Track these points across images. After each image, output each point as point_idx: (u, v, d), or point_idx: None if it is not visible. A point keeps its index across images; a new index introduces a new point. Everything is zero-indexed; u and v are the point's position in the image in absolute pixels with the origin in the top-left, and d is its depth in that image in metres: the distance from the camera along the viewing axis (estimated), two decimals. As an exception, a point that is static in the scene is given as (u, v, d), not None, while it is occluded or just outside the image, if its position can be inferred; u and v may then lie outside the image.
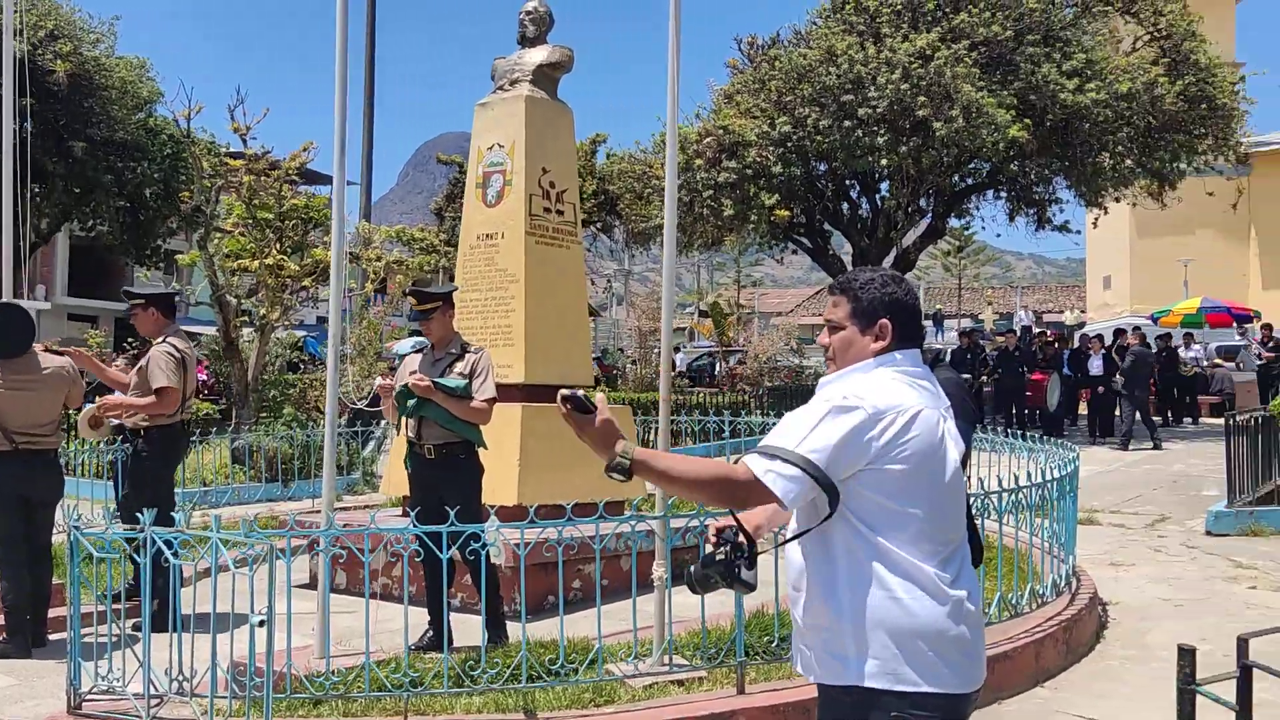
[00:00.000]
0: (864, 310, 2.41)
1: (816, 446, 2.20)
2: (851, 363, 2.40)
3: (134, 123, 22.42)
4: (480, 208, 8.25)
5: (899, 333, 2.39)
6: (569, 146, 8.64)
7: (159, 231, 25.22)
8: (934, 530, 2.29)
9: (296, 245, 14.71)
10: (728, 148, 17.70)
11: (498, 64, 8.34)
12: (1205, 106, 18.43)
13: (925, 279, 51.03)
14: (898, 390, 2.31)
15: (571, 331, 8.26)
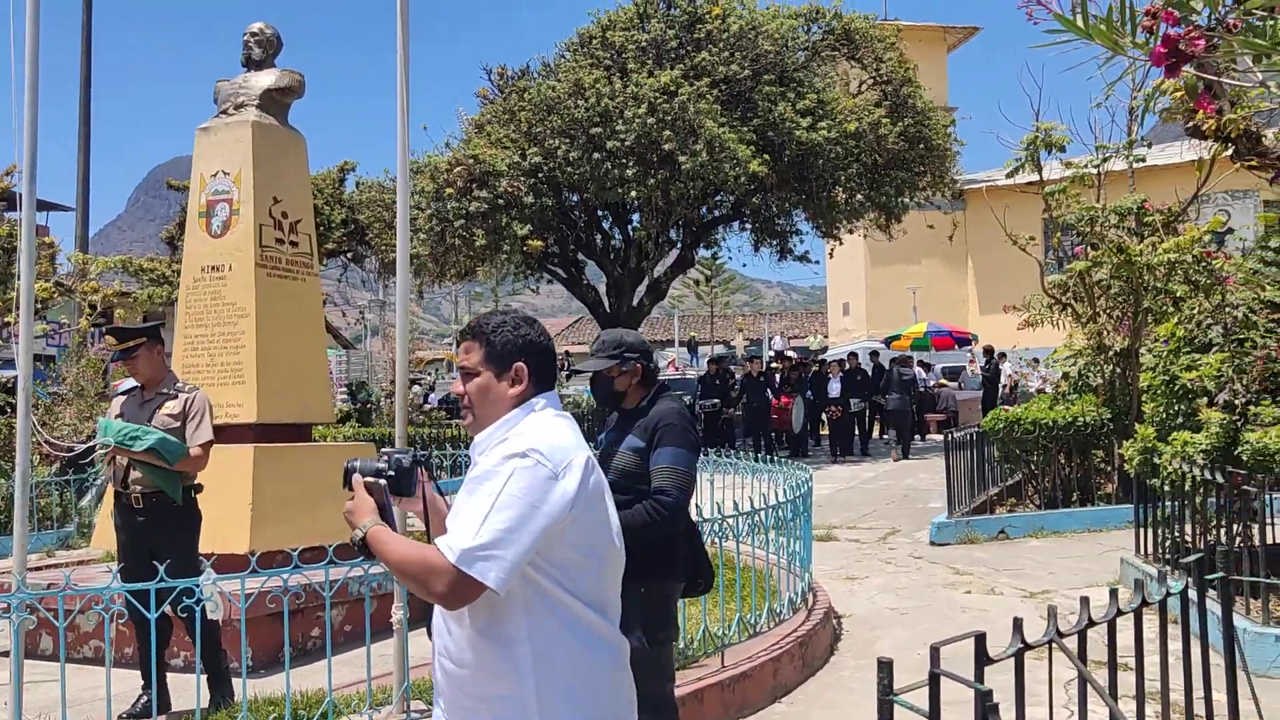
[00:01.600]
0: (498, 354, 2.34)
1: (514, 517, 2.09)
2: (490, 410, 2.32)
3: None
4: (204, 238, 7.76)
5: (535, 376, 2.35)
6: (303, 175, 8.30)
7: None
8: (606, 579, 2.29)
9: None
10: (479, 177, 17.61)
11: (221, 86, 7.90)
12: (923, 146, 20.13)
13: (679, 308, 52.77)
14: (564, 435, 2.26)
15: (308, 367, 7.91)
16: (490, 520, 2.08)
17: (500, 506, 2.09)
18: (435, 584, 2.08)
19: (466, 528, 2.09)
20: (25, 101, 4.92)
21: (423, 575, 2.10)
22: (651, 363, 3.88)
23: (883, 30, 21.15)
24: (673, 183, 17.57)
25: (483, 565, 2.05)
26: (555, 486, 2.13)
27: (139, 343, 5.14)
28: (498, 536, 2.07)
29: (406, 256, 5.38)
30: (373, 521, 2.24)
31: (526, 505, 2.10)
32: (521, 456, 2.15)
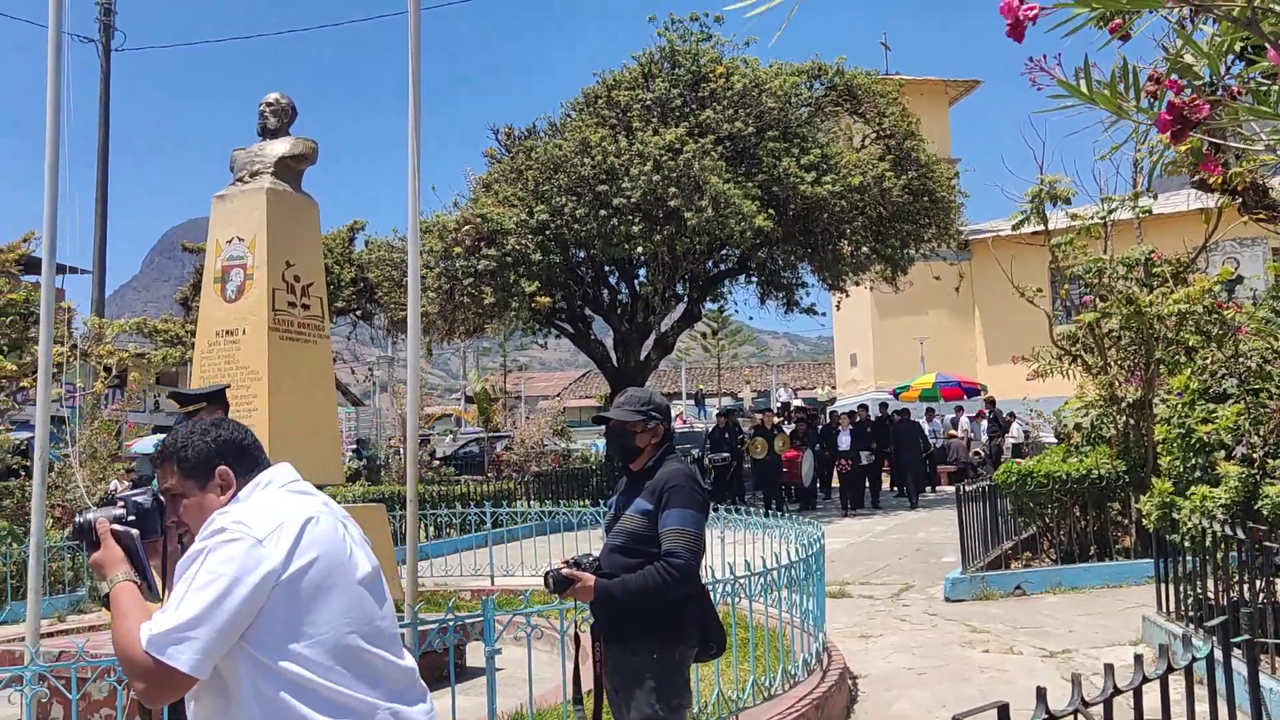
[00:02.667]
0: (194, 468, 2.25)
1: (212, 594, 2.00)
2: None
3: None
4: (220, 303, 7.84)
5: (241, 468, 2.26)
6: (314, 239, 8.41)
7: None
8: (354, 645, 2.14)
9: (14, 343, 13.44)
10: (487, 236, 17.78)
11: (237, 155, 8.04)
12: (927, 199, 20.30)
13: (685, 360, 52.83)
14: (281, 504, 2.19)
15: (319, 428, 7.94)
16: (186, 601, 2.00)
17: (197, 586, 2.01)
18: (132, 675, 2.00)
19: (163, 611, 2.03)
20: (46, 175, 5.02)
21: (125, 659, 2.02)
22: (670, 427, 3.89)
23: (885, 85, 21.44)
24: (679, 238, 17.71)
25: (174, 649, 1.96)
26: (257, 553, 2.05)
27: (200, 407, 5.16)
28: (192, 616, 1.98)
29: (418, 316, 5.43)
30: (124, 575, 2.16)
31: (225, 579, 2.01)
32: (219, 531, 2.08)
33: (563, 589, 3.57)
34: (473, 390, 35.56)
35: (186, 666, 1.97)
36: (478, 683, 5.66)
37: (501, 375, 46.50)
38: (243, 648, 2.06)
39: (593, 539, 10.33)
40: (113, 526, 2.23)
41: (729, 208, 17.17)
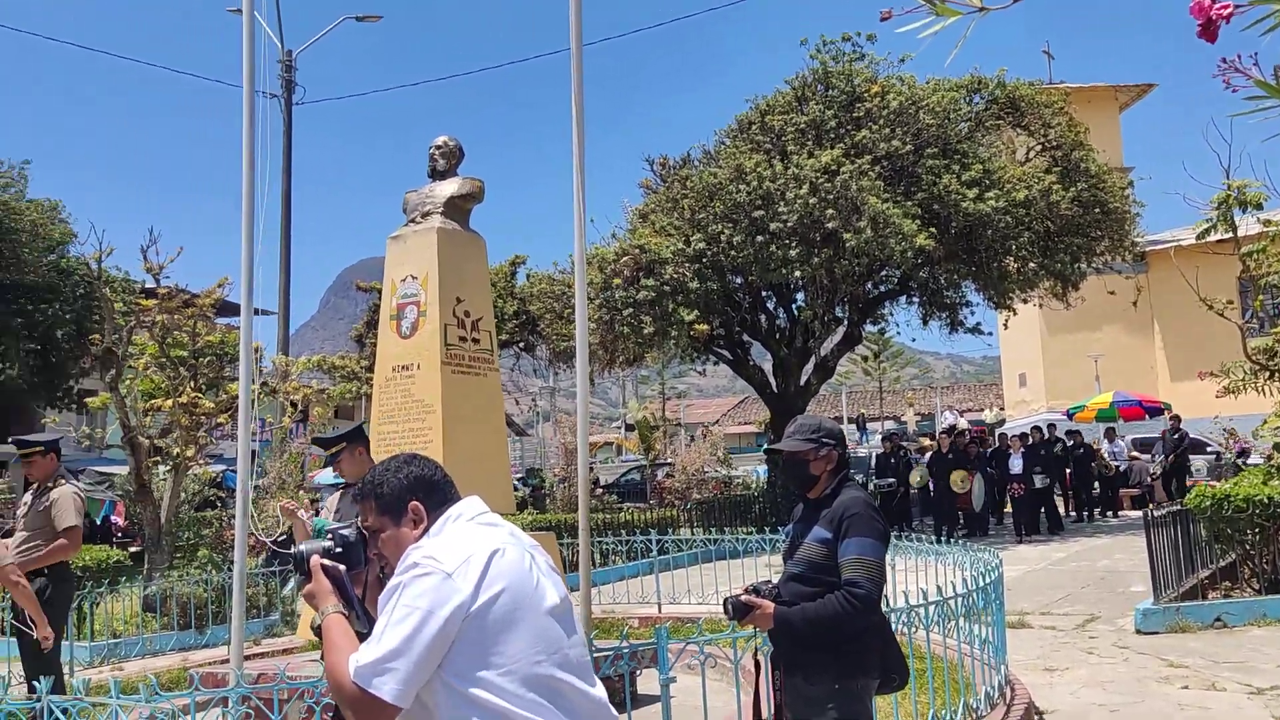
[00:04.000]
0: (390, 505, 2.38)
1: (409, 627, 2.11)
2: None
3: (45, 265, 22.08)
4: (395, 339, 8.21)
5: (433, 503, 2.37)
6: (482, 275, 8.70)
7: (71, 373, 24.62)
8: (545, 673, 2.20)
9: (212, 382, 14.41)
10: (645, 266, 18.01)
11: (409, 197, 8.42)
12: (1099, 210, 19.38)
13: (846, 384, 51.95)
14: (470, 536, 2.28)
15: (491, 458, 8.18)
16: (386, 634, 2.11)
17: (395, 620, 2.12)
18: (342, 703, 2.13)
19: (368, 644, 2.13)
20: (243, 226, 5.40)
21: (335, 688, 2.15)
22: (844, 452, 3.84)
23: (1049, 95, 20.67)
24: (837, 260, 17.48)
25: (379, 680, 2.07)
26: (448, 586, 2.13)
27: (340, 448, 5.47)
28: (392, 649, 2.09)
29: (585, 347, 5.55)
30: (334, 607, 2.29)
31: (419, 613, 2.11)
32: (412, 566, 2.17)
33: (741, 616, 3.56)
34: (633, 418, 35.95)
35: (390, 696, 2.08)
36: (649, 711, 5.70)
37: (660, 403, 46.86)
38: (440, 676, 2.14)
39: (758, 566, 10.25)
40: (322, 561, 2.36)
41: (888, 228, 16.85)
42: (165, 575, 12.30)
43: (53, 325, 22.36)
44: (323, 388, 23.24)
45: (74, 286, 22.67)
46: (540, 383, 46.97)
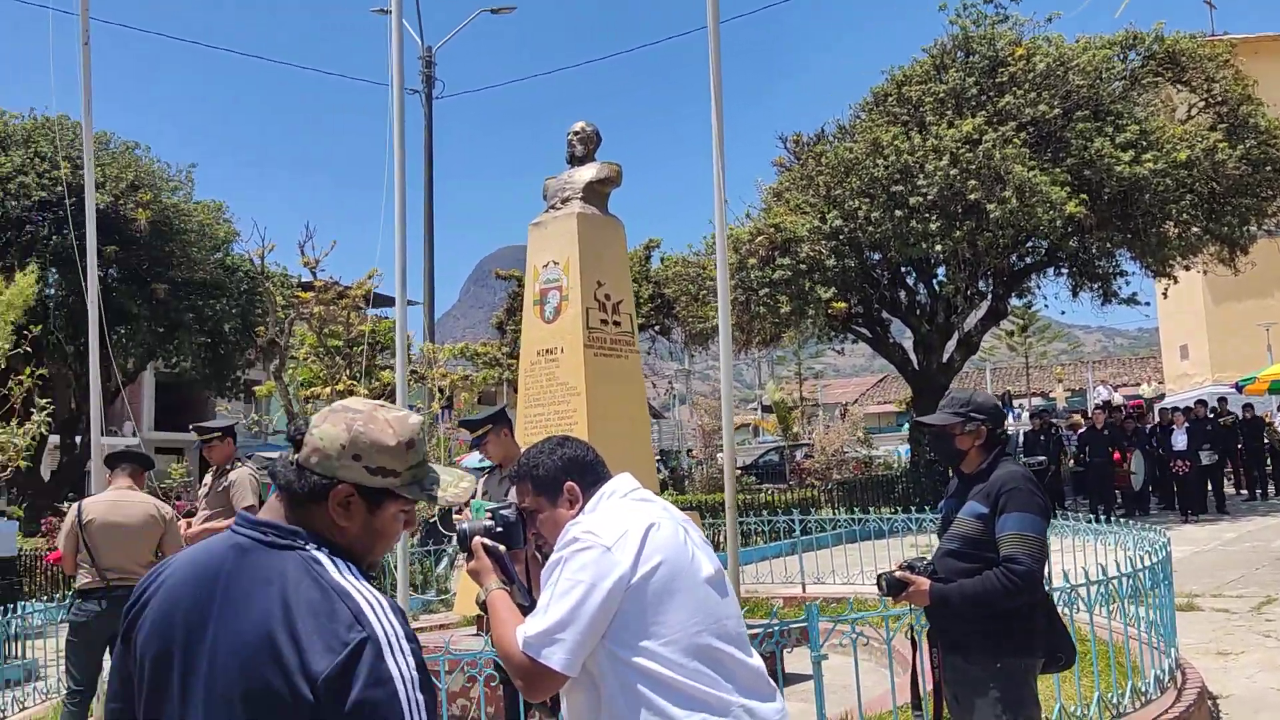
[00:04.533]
0: (547, 485, 2.47)
1: (573, 599, 2.20)
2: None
3: (212, 262, 23.40)
4: (539, 324, 8.39)
5: (586, 483, 2.45)
6: (622, 258, 8.80)
7: (238, 364, 26.08)
8: (705, 643, 2.25)
9: (365, 369, 15.05)
10: (780, 245, 17.83)
11: (548, 184, 8.57)
12: (1270, 169, 18.15)
13: (991, 360, 50.31)
14: (625, 512, 2.34)
15: (634, 440, 8.28)
16: (551, 606, 2.21)
17: (559, 592, 2.22)
18: (513, 672, 2.25)
19: (534, 615, 2.24)
20: (396, 221, 5.61)
21: (506, 662, 2.28)
22: (999, 427, 3.73)
23: (1213, 48, 19.43)
24: (980, 233, 16.93)
25: (547, 650, 2.18)
26: (608, 559, 2.21)
27: (486, 430, 5.63)
28: (558, 620, 2.18)
29: (729, 329, 5.55)
30: (497, 584, 2.40)
31: (583, 585, 2.20)
32: (572, 541, 2.27)
33: (896, 592, 3.52)
34: (770, 399, 35.72)
35: (559, 665, 2.18)
36: (799, 689, 5.68)
37: (797, 383, 46.40)
38: (605, 646, 2.23)
39: (903, 547, 10.05)
40: (483, 540, 2.48)
41: (1035, 196, 16.20)
42: (328, 554, 12.94)
43: (220, 319, 23.70)
44: (466, 374, 23.94)
45: (239, 282, 23.96)
46: (675, 366, 47.18)
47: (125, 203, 20.67)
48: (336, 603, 1.64)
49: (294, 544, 1.71)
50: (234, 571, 1.70)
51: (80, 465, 26.26)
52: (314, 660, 1.57)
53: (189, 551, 1.84)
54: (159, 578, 1.80)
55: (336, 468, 1.76)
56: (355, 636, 1.60)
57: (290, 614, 1.62)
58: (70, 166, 22.71)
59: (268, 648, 1.60)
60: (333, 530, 1.77)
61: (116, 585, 5.88)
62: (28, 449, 12.03)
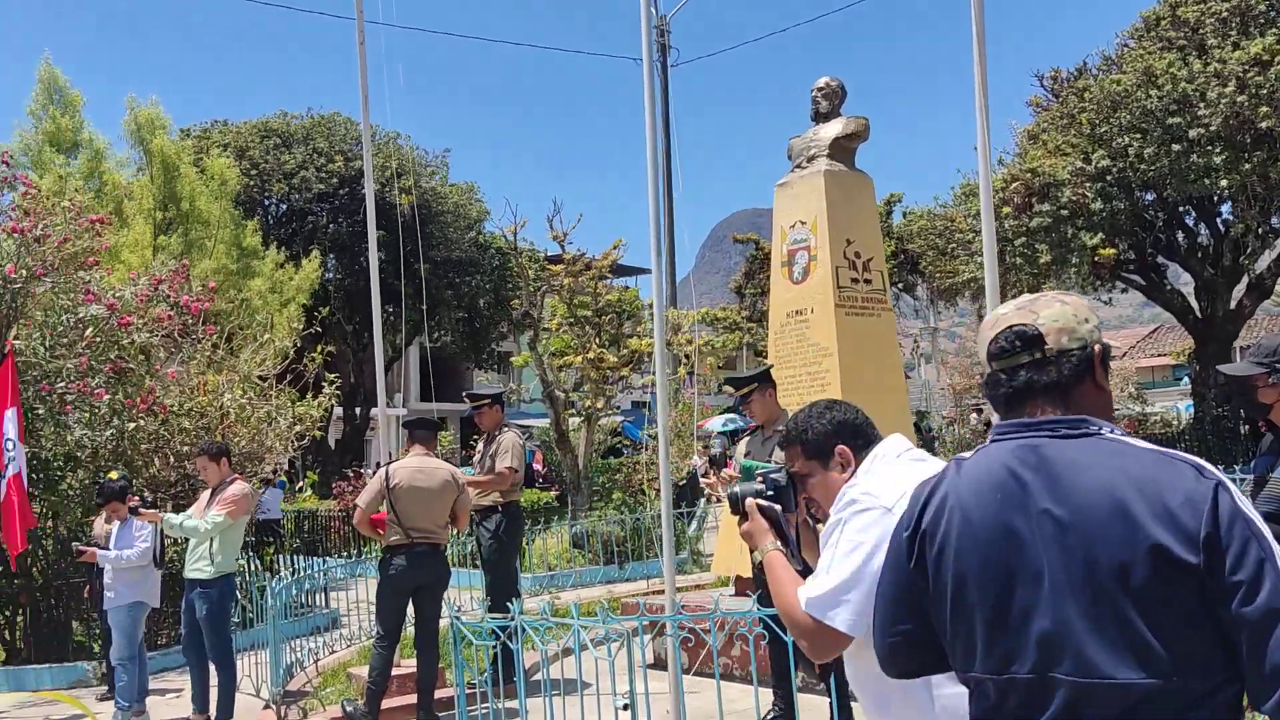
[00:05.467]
0: (818, 449, 2.43)
1: (856, 560, 2.16)
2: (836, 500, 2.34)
3: (467, 241, 24.85)
4: (787, 285, 8.33)
5: (858, 445, 2.41)
6: (871, 214, 8.58)
7: (492, 336, 27.60)
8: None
9: (613, 338, 15.50)
10: (1037, 190, 16.81)
11: (793, 143, 8.46)
12: None
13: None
14: (902, 472, 2.28)
15: (889, 400, 8.08)
16: (834, 567, 2.18)
17: (841, 553, 2.18)
18: (796, 633, 2.23)
19: (815, 577, 2.21)
20: (649, 192, 5.72)
21: (789, 622, 2.26)
22: None
23: None
24: (1273, 164, 15.27)
25: (832, 611, 2.15)
26: (888, 520, 2.12)
27: (752, 388, 5.68)
28: (843, 581, 2.15)
29: (996, 283, 5.30)
30: (772, 544, 2.38)
31: (866, 546, 2.16)
32: (850, 503, 2.24)
33: None
34: (1028, 355, 33.86)
35: (844, 626, 2.15)
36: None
37: (1057, 337, 43.62)
38: None
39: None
40: (758, 501, 2.48)
41: (1337, 120, 14.43)
42: (586, 516, 13.52)
43: (476, 295, 25.17)
44: (707, 339, 24.20)
45: (491, 259, 25.32)
46: (920, 324, 45.70)
47: (390, 189, 22.24)
48: (1170, 460, 1.66)
49: (1085, 430, 1.74)
50: (1040, 464, 1.71)
51: (361, 435, 28.72)
52: (1184, 517, 1.58)
53: (968, 469, 1.84)
54: (934, 502, 1.85)
55: (1084, 333, 1.81)
56: (1208, 483, 1.61)
57: (1136, 480, 1.63)
58: (343, 160, 24.72)
59: (1123, 516, 1.61)
60: (1095, 402, 1.79)
61: (419, 542, 6.38)
62: (320, 420, 13.24)
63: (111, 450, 10.38)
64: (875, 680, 2.26)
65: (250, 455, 11.62)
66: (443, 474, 6.58)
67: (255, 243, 19.94)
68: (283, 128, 25.72)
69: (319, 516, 17.47)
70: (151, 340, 11.32)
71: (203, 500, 7.16)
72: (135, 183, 17.99)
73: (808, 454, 2.45)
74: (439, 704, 6.46)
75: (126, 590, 7.39)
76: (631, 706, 4.19)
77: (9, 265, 9.91)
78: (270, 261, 19.89)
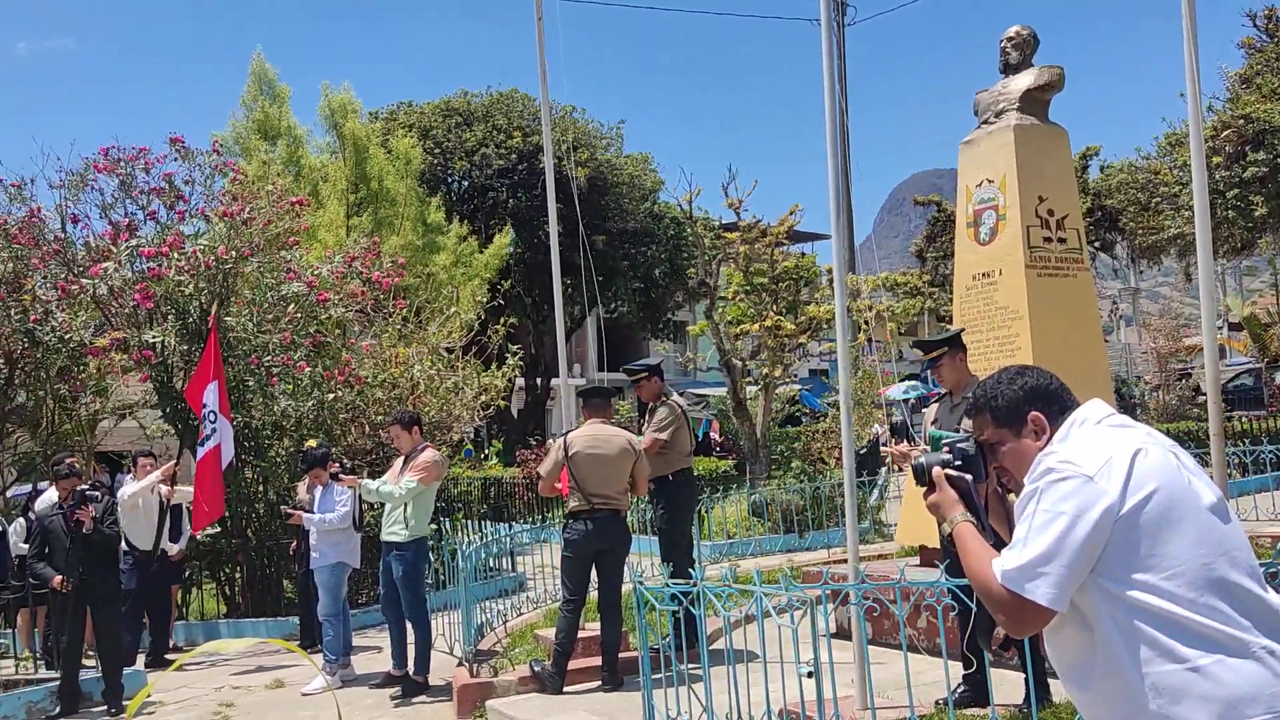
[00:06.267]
0: (1008, 416, 2.32)
1: (1055, 531, 2.06)
2: (1029, 471, 2.20)
3: (642, 212, 25.06)
4: (973, 247, 8.00)
5: (1053, 412, 2.28)
6: (1066, 169, 8.12)
7: (668, 306, 27.80)
8: (1214, 576, 2.03)
9: (790, 305, 15.31)
10: (1251, 138, 15.52)
11: (980, 98, 8.09)
12: None
13: None
14: (1101, 439, 2.16)
15: (1086, 365, 7.66)
16: (1031, 538, 2.07)
17: (1038, 525, 2.08)
18: (994, 607, 2.13)
19: (1011, 549, 2.11)
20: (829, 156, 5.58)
21: (984, 595, 2.15)
22: None
23: None
24: None
25: (1030, 584, 2.05)
26: (1090, 489, 2.05)
27: (942, 352, 5.49)
28: (1042, 553, 2.05)
29: (1208, 239, 4.92)
30: (961, 515, 2.29)
31: (1066, 517, 2.05)
32: (1048, 472, 2.12)
33: None
34: (1237, 316, 31.50)
35: (1045, 600, 2.05)
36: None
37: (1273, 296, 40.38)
38: (1095, 581, 2.08)
39: None
40: (946, 472, 2.39)
41: None
42: (765, 484, 13.46)
43: (651, 265, 25.37)
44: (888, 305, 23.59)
45: (665, 228, 25.45)
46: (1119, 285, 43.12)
47: (566, 163, 22.65)
48: None
49: None
50: None
51: (542, 404, 29.56)
52: None
53: None
54: None
55: None
56: None
57: None
58: (521, 135, 25.32)
59: None
60: None
61: (600, 508, 6.52)
62: (504, 390, 13.69)
63: (313, 420, 11.06)
64: (1077, 655, 2.15)
65: (439, 424, 12.15)
66: (619, 441, 6.67)
67: (439, 219, 20.73)
68: (464, 106, 26.56)
69: (503, 483, 18.11)
70: (346, 315, 11.97)
71: (396, 467, 7.53)
72: (329, 165, 19.01)
73: (998, 421, 2.34)
74: (623, 666, 6.60)
75: (330, 551, 7.87)
76: (816, 674, 4.14)
77: (221, 247, 10.66)
78: (454, 236, 20.64)
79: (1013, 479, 2.33)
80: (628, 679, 6.52)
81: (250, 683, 8.08)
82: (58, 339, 11.16)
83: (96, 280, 10.74)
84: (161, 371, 10.76)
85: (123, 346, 10.88)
